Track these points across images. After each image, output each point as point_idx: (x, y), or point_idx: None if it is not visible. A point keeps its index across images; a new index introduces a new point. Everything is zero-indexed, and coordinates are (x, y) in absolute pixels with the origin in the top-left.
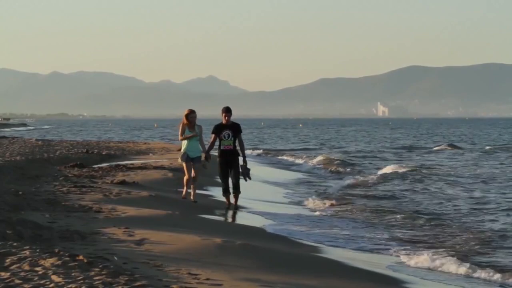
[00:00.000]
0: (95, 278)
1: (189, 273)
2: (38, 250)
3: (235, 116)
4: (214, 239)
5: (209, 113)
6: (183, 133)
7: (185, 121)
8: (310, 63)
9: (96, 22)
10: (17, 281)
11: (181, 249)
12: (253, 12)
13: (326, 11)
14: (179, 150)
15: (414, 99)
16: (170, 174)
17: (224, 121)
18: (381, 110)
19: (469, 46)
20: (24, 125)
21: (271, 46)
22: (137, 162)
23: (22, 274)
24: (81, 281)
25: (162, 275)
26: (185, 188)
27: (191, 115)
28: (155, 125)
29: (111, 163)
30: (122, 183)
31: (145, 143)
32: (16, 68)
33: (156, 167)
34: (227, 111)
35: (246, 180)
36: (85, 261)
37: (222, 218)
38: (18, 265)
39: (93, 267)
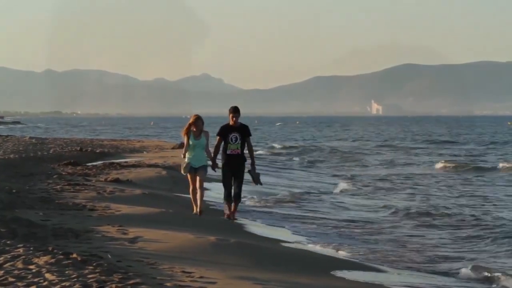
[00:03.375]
0: (89, 276)
1: (183, 271)
2: (31, 248)
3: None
4: (208, 237)
5: (204, 111)
6: (188, 140)
7: (191, 126)
8: (305, 61)
9: (92, 21)
10: (11, 279)
11: (175, 247)
12: (249, 11)
13: (322, 10)
14: (174, 148)
15: (408, 97)
16: (164, 172)
17: (231, 123)
18: (375, 108)
19: (463, 44)
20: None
21: (266, 44)
22: (131, 160)
23: (16, 272)
24: (75, 279)
25: (156, 273)
26: (193, 203)
27: (196, 123)
28: (151, 123)
29: (105, 161)
30: (116, 181)
31: (139, 141)
32: (9, 66)
33: (150, 165)
34: (235, 111)
35: (256, 184)
36: (79, 259)
37: (216, 216)
38: (11, 263)
39: (87, 265)
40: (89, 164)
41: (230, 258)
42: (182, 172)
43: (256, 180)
